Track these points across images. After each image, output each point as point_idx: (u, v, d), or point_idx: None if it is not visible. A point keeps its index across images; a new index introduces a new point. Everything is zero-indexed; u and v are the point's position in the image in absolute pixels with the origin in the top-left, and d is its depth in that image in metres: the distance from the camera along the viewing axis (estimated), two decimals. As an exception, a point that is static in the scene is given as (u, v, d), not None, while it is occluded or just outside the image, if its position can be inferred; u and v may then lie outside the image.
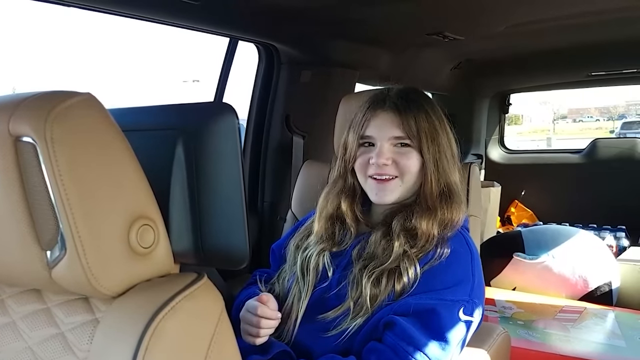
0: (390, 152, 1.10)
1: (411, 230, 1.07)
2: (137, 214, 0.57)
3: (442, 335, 0.98)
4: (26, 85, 20.48)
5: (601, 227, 3.22)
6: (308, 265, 1.13)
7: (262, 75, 2.16)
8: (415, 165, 1.10)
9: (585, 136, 14.33)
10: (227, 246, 0.65)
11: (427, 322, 0.98)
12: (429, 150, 1.09)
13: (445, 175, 1.11)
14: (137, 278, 0.59)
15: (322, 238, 1.16)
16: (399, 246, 1.05)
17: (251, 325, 1.06)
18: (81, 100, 0.55)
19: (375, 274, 1.03)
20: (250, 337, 1.06)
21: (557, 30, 2.22)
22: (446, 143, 1.13)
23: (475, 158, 3.72)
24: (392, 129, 1.10)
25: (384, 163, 1.09)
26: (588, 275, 2.31)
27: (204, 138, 0.63)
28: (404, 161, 1.10)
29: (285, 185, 2.13)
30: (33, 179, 0.53)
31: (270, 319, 1.06)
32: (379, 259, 1.06)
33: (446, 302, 1.00)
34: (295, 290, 1.13)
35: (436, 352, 0.97)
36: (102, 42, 68.79)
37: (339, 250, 1.15)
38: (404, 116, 1.10)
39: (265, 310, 1.06)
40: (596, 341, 1.86)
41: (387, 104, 1.12)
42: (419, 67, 2.67)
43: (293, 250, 1.21)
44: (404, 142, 1.10)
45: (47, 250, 0.55)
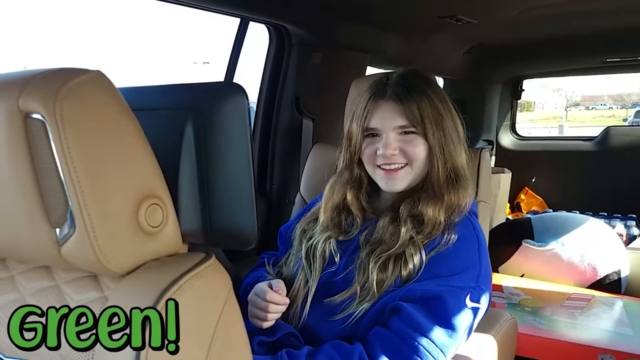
0: (397, 141, 1.10)
1: (418, 217, 1.07)
2: (146, 193, 0.57)
3: (448, 322, 0.98)
4: (37, 63, 20.58)
5: (612, 215, 3.20)
6: (315, 253, 1.13)
7: (272, 56, 2.15)
8: (422, 152, 1.09)
9: (598, 124, 14.19)
10: (236, 227, 0.65)
11: (434, 309, 0.98)
12: (434, 135, 1.08)
13: (452, 159, 1.10)
14: (145, 256, 0.59)
15: (328, 227, 1.16)
16: (406, 232, 1.05)
17: (259, 309, 1.07)
18: (91, 78, 0.54)
19: (382, 259, 1.03)
20: (258, 321, 1.07)
21: (571, 16, 2.19)
22: (451, 126, 1.11)
23: (486, 144, 3.70)
24: (395, 119, 1.09)
25: (391, 154, 1.09)
26: (597, 263, 2.30)
27: (214, 118, 0.63)
28: (411, 149, 1.09)
29: (294, 168, 2.12)
30: (43, 156, 0.53)
31: (278, 304, 1.07)
32: (386, 244, 1.06)
33: (453, 288, 1.00)
34: (301, 276, 1.14)
35: (443, 339, 0.97)
36: (113, 22, 68.59)
37: (346, 238, 1.15)
38: (406, 104, 1.08)
39: (273, 295, 1.07)
40: (603, 329, 1.87)
41: (388, 93, 1.11)
42: (431, 51, 2.65)
43: (299, 235, 1.21)
44: (409, 130, 1.09)
45: (57, 227, 0.55)
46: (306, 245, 1.16)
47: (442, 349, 0.97)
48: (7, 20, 62.74)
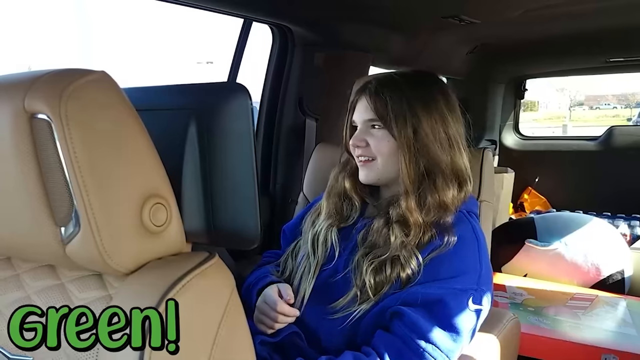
0: (365, 133, 1.12)
1: (403, 220, 1.06)
2: (150, 192, 0.58)
3: (452, 326, 0.97)
4: (41, 63, 20.59)
5: (615, 215, 3.19)
6: (318, 240, 1.16)
7: (275, 57, 2.15)
8: (387, 147, 1.10)
9: (602, 124, 14.13)
10: (239, 226, 0.65)
11: (436, 313, 0.98)
12: (401, 132, 1.07)
13: (426, 156, 1.08)
14: (149, 256, 0.60)
15: (330, 214, 1.19)
16: (395, 238, 1.05)
17: (268, 317, 1.08)
18: (96, 79, 0.55)
19: (375, 264, 1.03)
20: (264, 327, 1.08)
21: (575, 15, 2.18)
22: (433, 123, 1.08)
23: (489, 144, 3.70)
24: (366, 112, 1.12)
25: (356, 145, 1.13)
26: (600, 263, 2.30)
27: (217, 118, 0.63)
28: (374, 142, 1.11)
29: (298, 168, 2.12)
30: (48, 156, 0.53)
31: (288, 316, 1.07)
32: (380, 249, 1.06)
33: (454, 291, 0.99)
34: (305, 264, 1.15)
35: (448, 344, 0.97)
36: (117, 22, 68.62)
37: (346, 225, 1.17)
38: (375, 98, 1.11)
39: (284, 307, 1.07)
40: (607, 329, 1.86)
41: (366, 89, 1.14)
42: (434, 50, 2.64)
43: (309, 226, 1.23)
44: (376, 124, 1.11)
45: (62, 226, 0.55)
46: (312, 232, 1.19)
47: (447, 354, 0.96)
48: (11, 20, 62.81)
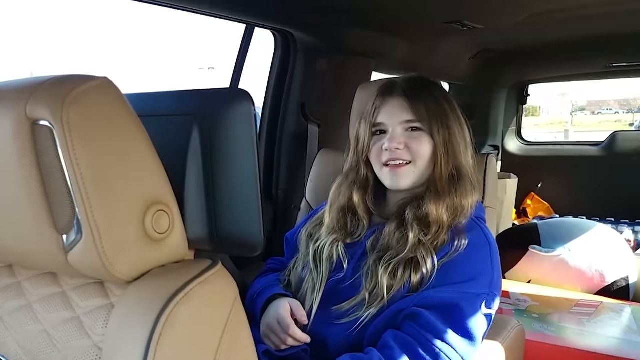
0: (403, 136, 1.11)
1: (424, 219, 1.06)
2: (152, 199, 0.57)
3: (467, 330, 0.96)
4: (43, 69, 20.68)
5: (619, 221, 3.18)
6: (321, 256, 1.13)
7: (278, 62, 2.15)
8: (427, 149, 1.10)
9: (604, 129, 14.11)
10: (242, 233, 0.64)
11: (451, 316, 0.97)
12: (440, 133, 1.09)
13: (455, 159, 1.11)
14: (152, 263, 0.59)
15: (334, 229, 1.16)
16: (414, 236, 1.04)
17: (277, 336, 1.06)
18: (98, 85, 0.55)
19: (392, 265, 1.03)
20: (270, 342, 1.07)
21: (577, 20, 2.18)
22: (458, 127, 1.13)
23: (492, 149, 3.69)
24: (402, 114, 1.11)
25: (396, 147, 1.09)
26: (605, 270, 2.28)
27: (220, 124, 0.63)
28: (415, 145, 1.10)
29: (300, 174, 2.12)
30: (50, 163, 0.53)
31: (299, 341, 1.05)
32: (394, 250, 1.05)
33: (468, 295, 0.99)
34: (309, 280, 1.13)
35: (464, 347, 0.95)
36: (118, 28, 68.89)
37: (352, 241, 1.14)
38: (413, 100, 1.10)
39: (296, 332, 1.05)
40: (612, 336, 1.85)
41: (396, 90, 1.13)
42: (437, 56, 2.64)
43: (305, 239, 1.21)
44: (415, 126, 1.11)
45: (64, 234, 0.55)
46: (313, 247, 1.16)
47: (463, 356, 0.95)
48: (13, 26, 63.19)
